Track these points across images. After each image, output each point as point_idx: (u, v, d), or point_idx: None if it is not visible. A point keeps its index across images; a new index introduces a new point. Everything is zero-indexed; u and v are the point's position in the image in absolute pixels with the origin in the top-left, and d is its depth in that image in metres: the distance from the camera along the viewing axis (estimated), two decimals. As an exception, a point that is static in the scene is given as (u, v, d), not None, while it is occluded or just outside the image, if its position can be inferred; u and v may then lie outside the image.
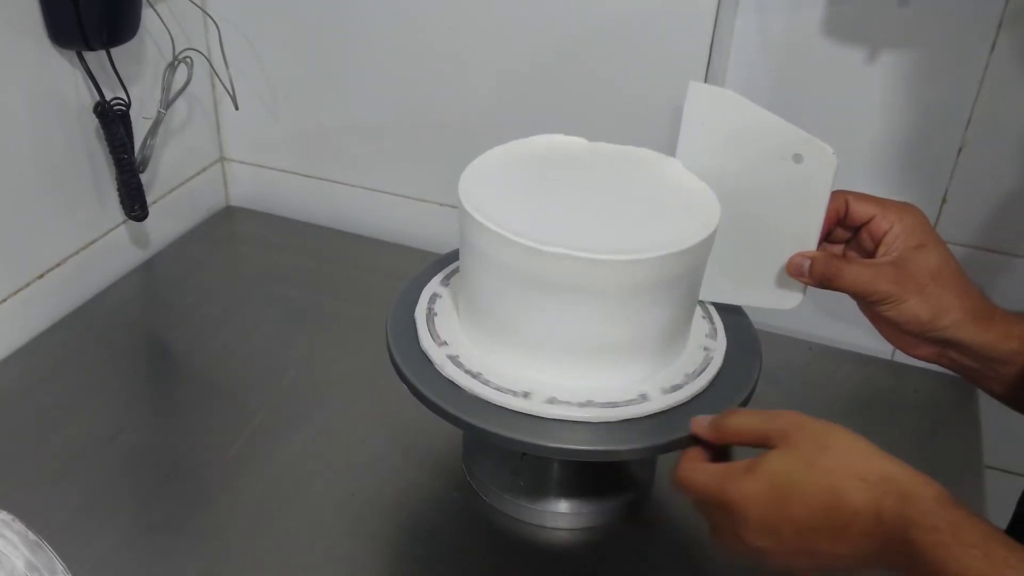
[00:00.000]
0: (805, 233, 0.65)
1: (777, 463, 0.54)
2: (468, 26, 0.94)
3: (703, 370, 0.66)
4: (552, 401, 0.62)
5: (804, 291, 0.67)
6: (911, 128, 0.88)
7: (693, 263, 0.63)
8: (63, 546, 0.58)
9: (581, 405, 0.62)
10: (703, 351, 0.67)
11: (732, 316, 0.72)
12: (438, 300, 0.71)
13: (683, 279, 0.63)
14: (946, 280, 0.63)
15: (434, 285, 0.72)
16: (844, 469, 0.52)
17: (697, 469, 0.57)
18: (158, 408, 0.85)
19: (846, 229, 0.67)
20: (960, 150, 0.88)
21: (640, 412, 0.62)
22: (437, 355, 0.65)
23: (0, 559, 0.57)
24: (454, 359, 0.65)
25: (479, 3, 0.92)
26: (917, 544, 0.48)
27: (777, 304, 0.68)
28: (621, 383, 0.63)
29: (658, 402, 0.62)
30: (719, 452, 0.60)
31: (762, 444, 0.55)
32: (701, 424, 0.59)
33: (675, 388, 0.64)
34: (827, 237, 0.67)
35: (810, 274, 0.65)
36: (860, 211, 0.65)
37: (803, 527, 0.52)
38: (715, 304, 0.72)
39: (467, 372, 0.64)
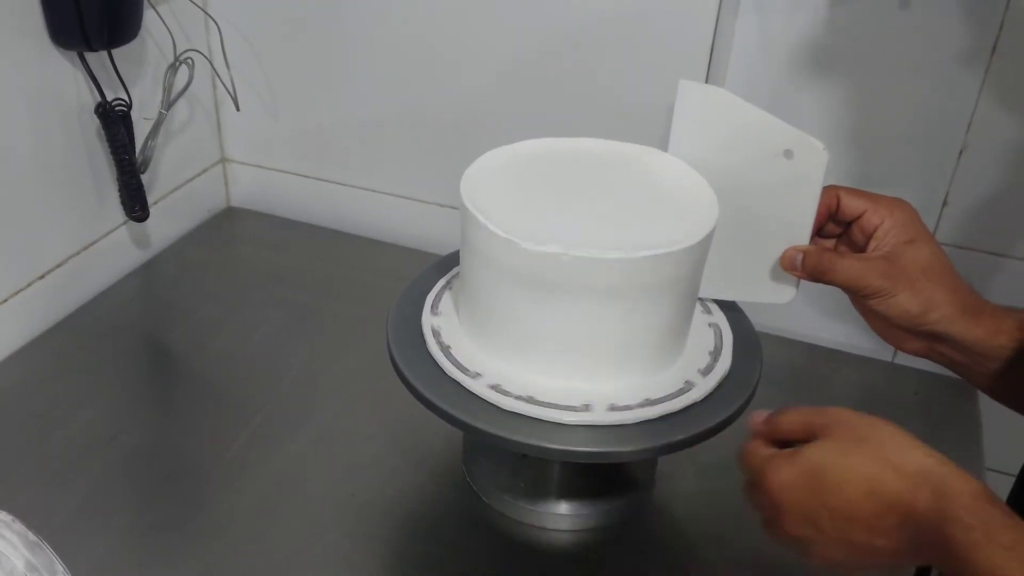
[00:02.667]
0: (797, 228, 0.65)
1: (815, 452, 0.54)
2: (468, 27, 0.94)
3: (710, 371, 0.66)
4: (556, 405, 0.62)
5: (797, 285, 0.67)
6: (912, 130, 0.88)
7: (694, 260, 0.63)
8: (63, 546, 0.58)
9: (586, 408, 0.62)
10: (707, 351, 0.68)
11: (731, 315, 0.72)
12: (440, 302, 0.71)
13: (684, 277, 0.63)
14: (936, 275, 0.63)
15: (435, 287, 0.72)
16: (881, 459, 0.52)
17: (751, 452, 0.58)
18: (158, 408, 0.85)
19: (838, 224, 0.67)
20: (961, 152, 0.88)
21: (648, 415, 0.62)
22: (440, 358, 0.65)
23: (0, 560, 0.57)
24: (457, 363, 0.65)
25: (479, 4, 0.93)
26: (951, 540, 0.48)
27: (771, 299, 0.68)
28: (623, 384, 0.63)
29: (664, 405, 0.62)
30: (784, 444, 0.60)
31: (809, 438, 0.56)
32: (757, 420, 0.59)
33: (681, 391, 0.64)
34: (819, 232, 0.67)
35: (803, 267, 0.65)
36: (851, 206, 0.65)
37: (839, 515, 0.53)
38: (712, 300, 0.72)
39: (471, 376, 0.64)
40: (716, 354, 0.67)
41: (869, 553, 0.53)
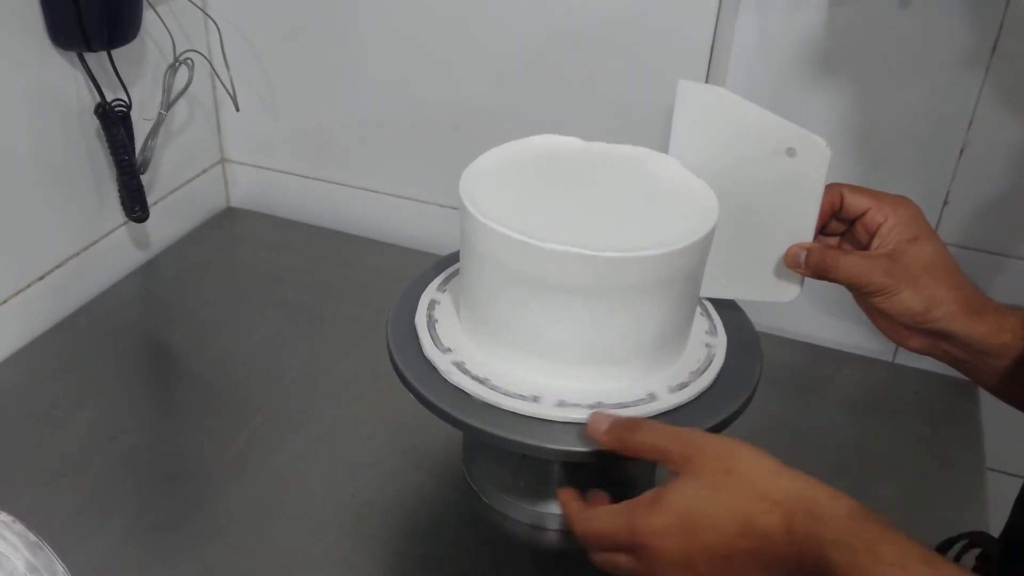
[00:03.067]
0: (801, 226, 0.65)
1: (682, 492, 0.52)
2: (468, 27, 0.94)
3: (707, 367, 0.66)
4: (562, 404, 0.61)
5: (802, 283, 0.67)
6: (912, 130, 0.88)
7: (695, 259, 0.63)
8: (63, 547, 0.58)
9: (589, 406, 0.61)
10: (705, 348, 0.67)
11: (731, 315, 0.72)
12: (438, 303, 0.71)
13: (685, 276, 0.63)
14: (939, 272, 0.63)
15: (434, 287, 0.72)
16: (750, 491, 0.51)
17: (597, 515, 0.55)
18: (158, 409, 0.85)
19: (841, 222, 0.67)
20: (962, 152, 0.88)
21: (648, 412, 0.62)
22: (441, 360, 0.65)
23: (1, 560, 0.57)
24: (458, 364, 0.65)
25: (479, 4, 0.93)
26: (833, 564, 0.47)
27: (775, 297, 0.68)
28: (625, 383, 0.63)
29: (665, 400, 0.62)
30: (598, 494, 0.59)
31: (663, 462, 0.54)
32: (599, 428, 0.57)
33: (681, 386, 0.64)
34: (822, 230, 0.67)
35: (806, 265, 0.65)
36: (855, 203, 0.65)
37: (716, 555, 0.51)
38: (713, 302, 0.72)
39: (473, 377, 0.64)
40: (718, 349, 0.68)
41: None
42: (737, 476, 0.52)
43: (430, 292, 0.72)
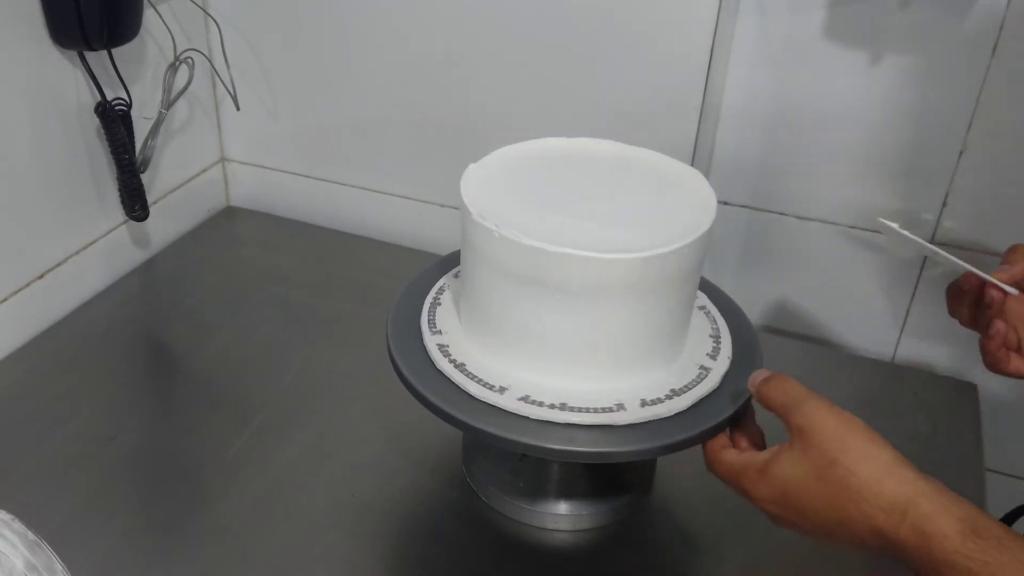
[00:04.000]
0: None
1: (789, 470, 0.54)
2: (468, 27, 0.94)
3: (712, 367, 0.66)
4: (563, 406, 0.62)
5: None
6: (912, 130, 0.88)
7: (694, 259, 0.63)
8: (63, 546, 0.58)
9: (584, 408, 0.62)
10: (706, 350, 0.68)
11: (731, 315, 0.72)
12: (439, 303, 0.71)
13: (684, 275, 0.63)
14: None
15: (435, 287, 0.72)
16: (852, 492, 0.51)
17: (720, 457, 0.59)
18: (158, 408, 0.85)
19: None
20: (961, 153, 0.88)
21: (648, 415, 0.62)
22: (442, 361, 0.65)
23: (0, 559, 0.57)
24: (460, 366, 0.65)
25: (480, 5, 0.92)
26: None
27: None
28: (625, 383, 0.64)
29: (666, 405, 0.62)
30: (739, 433, 0.62)
31: (783, 419, 0.56)
32: (755, 379, 0.60)
33: (685, 387, 0.64)
34: None
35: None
36: None
37: (818, 532, 0.54)
38: (713, 301, 0.72)
39: (475, 379, 0.64)
40: (714, 351, 0.68)
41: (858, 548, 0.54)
42: (842, 470, 0.52)
43: (431, 293, 0.72)
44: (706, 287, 0.74)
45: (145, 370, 0.91)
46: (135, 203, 0.95)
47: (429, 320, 0.69)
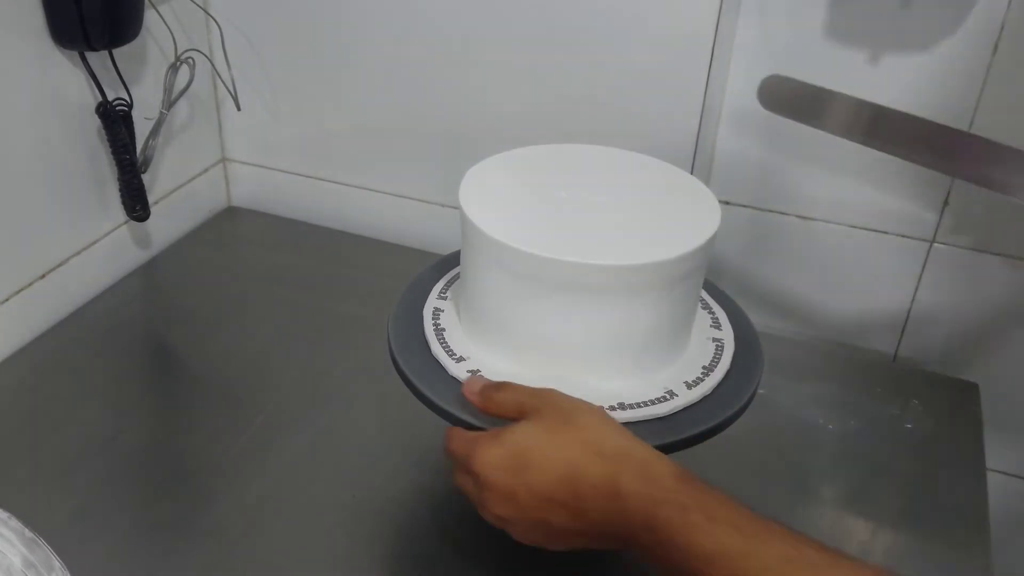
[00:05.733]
0: None
1: (521, 432, 0.55)
2: (469, 28, 0.94)
3: (713, 369, 0.66)
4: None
5: None
6: (913, 130, 0.88)
7: (694, 267, 0.63)
8: (63, 545, 0.58)
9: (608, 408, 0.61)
10: (707, 350, 0.68)
11: (732, 315, 0.72)
12: (441, 303, 0.71)
13: (685, 282, 0.63)
14: None
15: (436, 287, 0.72)
16: (582, 442, 0.53)
17: (454, 436, 0.60)
18: (158, 408, 0.85)
19: None
20: (962, 152, 0.87)
21: (648, 415, 0.62)
22: (444, 360, 0.65)
23: (-2, 557, 0.57)
24: (462, 364, 0.65)
25: (480, 6, 0.92)
26: (664, 522, 0.49)
27: None
28: (626, 383, 0.63)
29: (685, 397, 0.63)
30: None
31: (519, 418, 0.57)
32: (473, 389, 0.60)
33: (698, 381, 0.64)
34: None
35: None
36: None
37: (539, 495, 0.54)
38: (713, 301, 0.72)
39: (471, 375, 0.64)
40: (715, 351, 0.68)
41: (568, 535, 0.55)
42: (574, 426, 0.54)
43: (432, 293, 0.72)
44: (707, 287, 0.74)
45: (146, 370, 0.91)
46: (136, 203, 0.95)
47: (430, 320, 0.69)
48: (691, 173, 0.72)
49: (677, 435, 0.61)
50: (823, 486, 0.78)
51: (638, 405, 0.62)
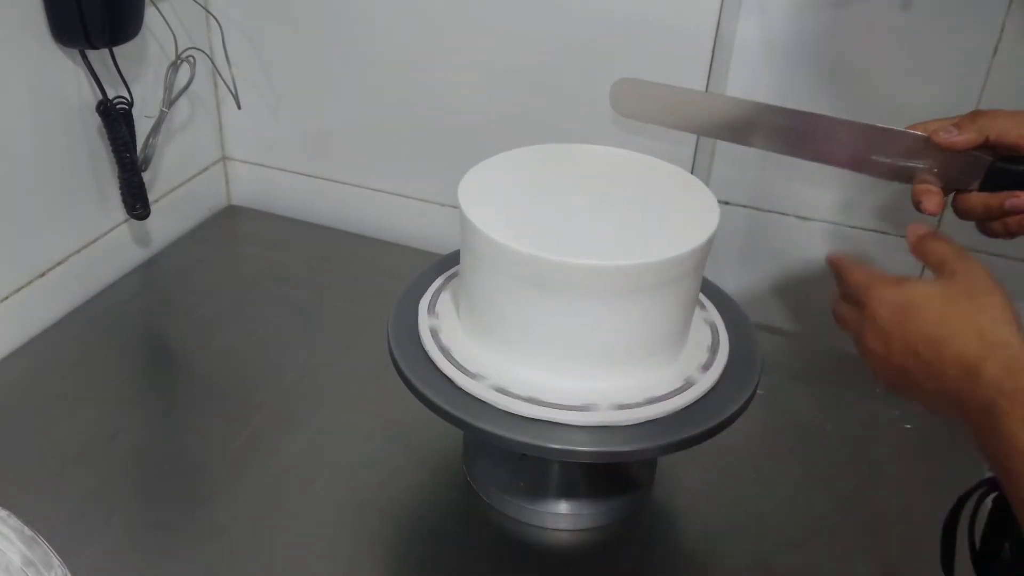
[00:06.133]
0: None
1: (924, 287, 0.57)
2: (470, 28, 0.94)
3: (710, 367, 0.66)
4: (557, 404, 0.61)
5: None
6: (913, 130, 0.88)
7: (695, 265, 0.63)
8: (63, 545, 0.58)
9: (586, 408, 0.61)
10: (706, 349, 0.68)
11: (730, 313, 0.72)
12: (439, 302, 0.71)
13: (685, 279, 0.63)
14: None
15: (435, 287, 0.72)
16: (972, 318, 0.54)
17: (855, 267, 0.62)
18: (158, 407, 0.85)
19: None
20: (962, 153, 0.87)
21: (648, 415, 0.62)
22: (442, 360, 0.65)
23: (-2, 556, 0.57)
24: (457, 362, 0.65)
25: (481, 5, 0.92)
26: (1001, 412, 0.49)
27: None
28: (626, 383, 0.64)
29: (666, 404, 0.62)
30: None
31: (937, 270, 0.59)
32: (917, 231, 0.63)
33: (684, 387, 0.64)
34: None
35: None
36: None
37: (909, 346, 0.55)
38: (713, 301, 0.72)
39: (471, 375, 0.64)
40: (714, 350, 0.68)
41: (917, 390, 0.56)
42: (974, 303, 0.55)
43: (433, 288, 0.72)
44: (706, 287, 0.74)
45: (146, 368, 0.91)
46: (136, 201, 0.95)
47: (429, 319, 0.69)
48: (691, 173, 0.72)
49: (676, 435, 0.61)
50: (822, 486, 0.78)
51: (637, 405, 0.62)
